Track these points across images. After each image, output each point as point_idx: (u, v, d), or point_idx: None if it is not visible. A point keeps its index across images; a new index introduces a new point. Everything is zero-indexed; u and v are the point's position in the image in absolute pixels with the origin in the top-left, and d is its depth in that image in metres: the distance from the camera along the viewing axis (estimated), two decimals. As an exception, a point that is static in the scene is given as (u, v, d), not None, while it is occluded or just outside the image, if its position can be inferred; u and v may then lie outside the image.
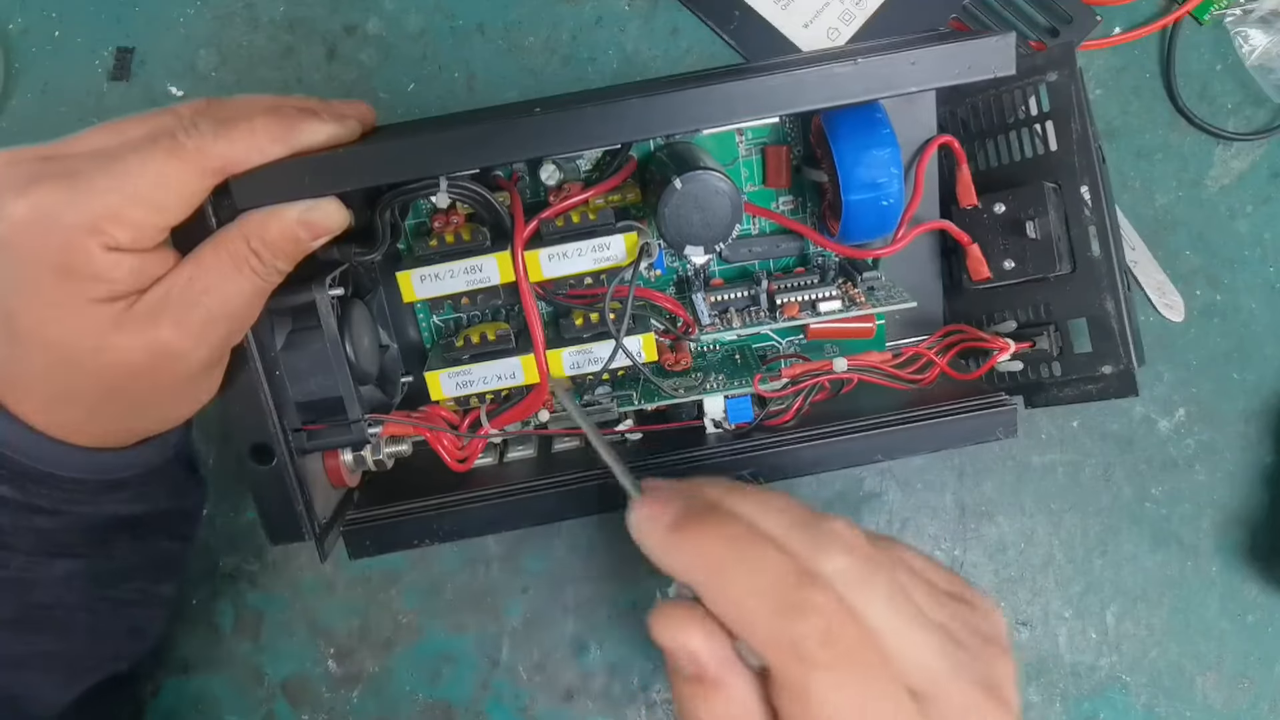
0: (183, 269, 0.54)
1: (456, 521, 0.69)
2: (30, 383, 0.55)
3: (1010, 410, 0.69)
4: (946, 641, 0.44)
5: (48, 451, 0.57)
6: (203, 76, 0.83)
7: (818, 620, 0.41)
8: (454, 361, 0.70)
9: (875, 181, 0.66)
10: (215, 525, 0.84)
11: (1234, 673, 0.87)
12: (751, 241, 0.76)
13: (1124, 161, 0.85)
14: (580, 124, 0.57)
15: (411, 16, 0.83)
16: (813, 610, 0.41)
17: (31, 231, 0.50)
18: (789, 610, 0.41)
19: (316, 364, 0.63)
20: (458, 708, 0.86)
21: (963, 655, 0.44)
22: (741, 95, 0.57)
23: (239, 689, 0.86)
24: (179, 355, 0.54)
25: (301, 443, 0.64)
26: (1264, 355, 0.86)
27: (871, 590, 0.43)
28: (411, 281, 0.68)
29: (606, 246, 0.67)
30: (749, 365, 0.74)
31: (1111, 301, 0.67)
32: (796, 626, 0.41)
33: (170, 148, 0.52)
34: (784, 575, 0.42)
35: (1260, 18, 0.83)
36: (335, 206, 0.57)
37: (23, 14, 0.82)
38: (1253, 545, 0.86)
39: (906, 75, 0.57)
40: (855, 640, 0.42)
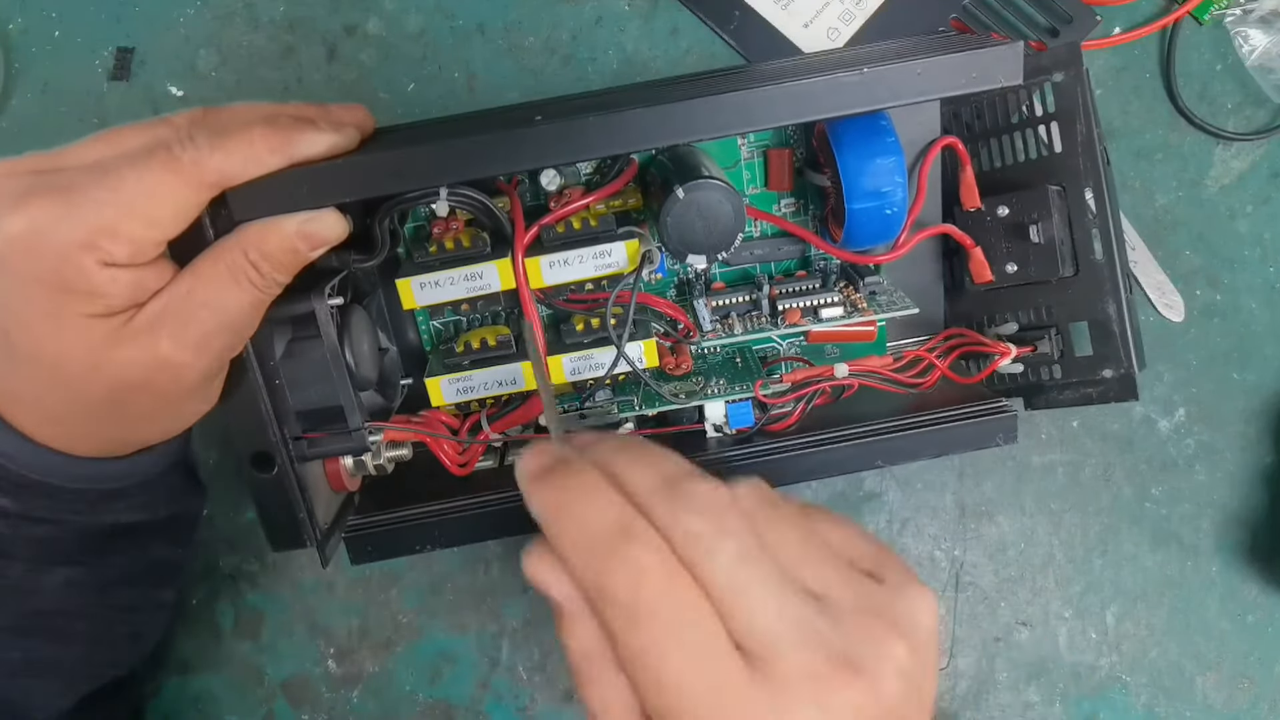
0: (180, 282, 0.54)
1: (457, 526, 0.69)
2: (28, 396, 0.55)
3: (1011, 416, 0.69)
4: (804, 608, 0.44)
5: (46, 462, 0.56)
6: (203, 76, 0.83)
7: (624, 567, 0.43)
8: (454, 367, 0.70)
9: (879, 190, 0.65)
10: (215, 526, 0.84)
11: (1234, 673, 0.87)
12: (753, 244, 0.76)
13: (1124, 161, 0.85)
14: (582, 134, 0.56)
15: (411, 16, 0.82)
16: (622, 558, 0.43)
17: (26, 248, 0.50)
18: (600, 556, 0.43)
19: (316, 373, 0.63)
20: (457, 708, 0.86)
21: (823, 625, 0.44)
22: (745, 106, 0.56)
23: (239, 689, 0.86)
24: (178, 368, 0.54)
25: (302, 451, 0.64)
26: (1264, 355, 0.86)
27: (715, 550, 0.44)
28: (411, 289, 0.68)
29: (608, 253, 0.67)
30: (750, 369, 0.74)
31: (1113, 305, 0.67)
32: (606, 576, 0.43)
33: (166, 161, 0.52)
34: (606, 527, 0.44)
35: (1260, 18, 0.83)
36: (334, 217, 0.57)
37: (23, 14, 0.82)
38: (1253, 545, 0.86)
39: (913, 85, 0.57)
40: (672, 596, 0.43)
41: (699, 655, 0.42)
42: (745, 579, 0.43)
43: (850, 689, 0.43)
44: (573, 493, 0.46)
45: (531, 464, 0.48)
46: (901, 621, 0.46)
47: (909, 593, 0.48)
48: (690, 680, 0.42)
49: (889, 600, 0.47)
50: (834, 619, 0.45)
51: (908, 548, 0.86)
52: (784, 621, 0.43)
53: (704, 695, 0.42)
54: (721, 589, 0.43)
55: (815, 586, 0.46)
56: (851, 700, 0.43)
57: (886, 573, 0.49)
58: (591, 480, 0.47)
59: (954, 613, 0.87)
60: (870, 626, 0.45)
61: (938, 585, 0.87)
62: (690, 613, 0.43)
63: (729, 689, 0.42)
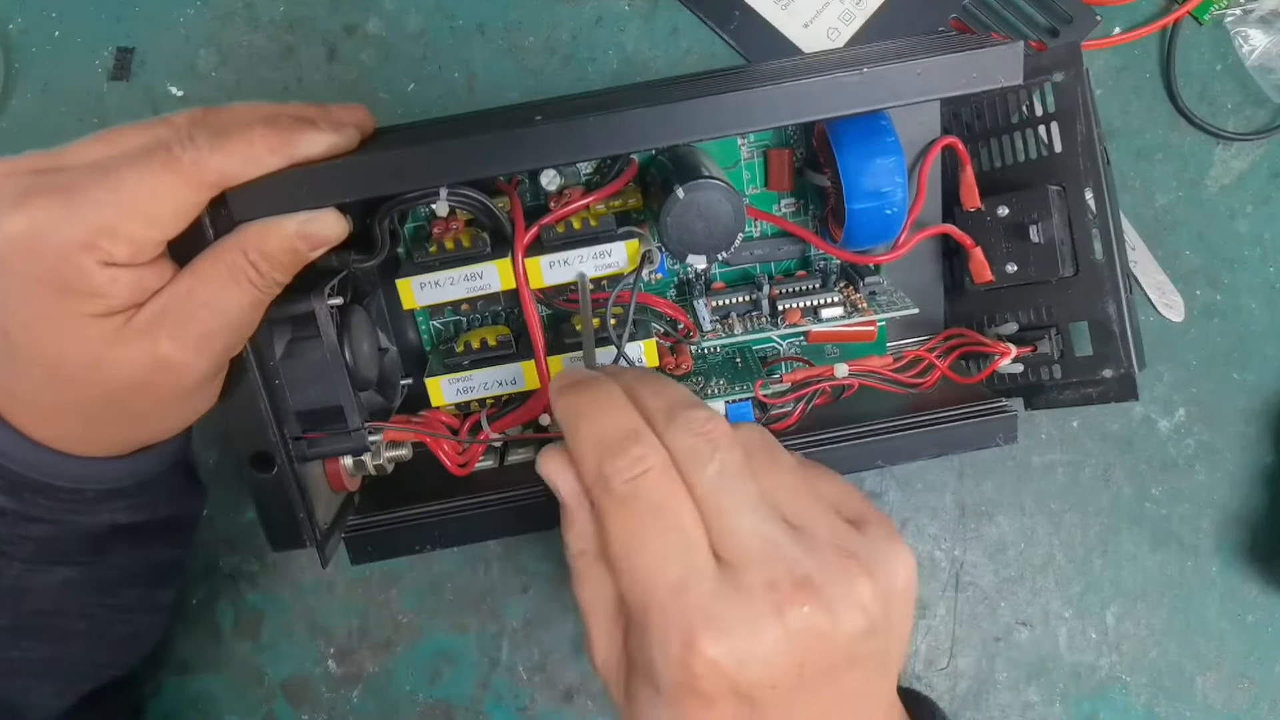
0: (180, 282, 0.54)
1: (458, 526, 0.69)
2: (28, 395, 0.55)
3: (1011, 416, 0.69)
4: (780, 532, 0.47)
5: (46, 461, 0.57)
6: (203, 76, 0.83)
7: (628, 463, 0.47)
8: (454, 367, 0.70)
9: (879, 190, 0.65)
10: (215, 526, 0.84)
11: (1234, 673, 0.87)
12: (753, 244, 0.76)
13: (1124, 161, 0.85)
14: (582, 134, 0.56)
15: (411, 16, 0.82)
16: (627, 455, 0.47)
17: (26, 248, 0.50)
18: (608, 452, 0.48)
19: (316, 373, 0.63)
20: (457, 708, 0.86)
21: (795, 549, 0.47)
22: (745, 106, 0.56)
23: (239, 689, 0.86)
24: (177, 368, 0.54)
25: (302, 451, 0.64)
26: (1264, 355, 0.86)
27: (706, 464, 0.48)
28: (411, 289, 0.68)
29: (608, 253, 0.67)
30: (750, 368, 0.74)
31: (1113, 305, 0.67)
32: (608, 464, 0.48)
33: (166, 161, 0.52)
34: (618, 428, 0.49)
35: (1260, 18, 0.83)
36: (334, 217, 0.57)
37: (23, 14, 0.82)
38: (1253, 545, 0.86)
39: (913, 85, 0.57)
40: (660, 491, 0.47)
41: (674, 548, 0.46)
42: (729, 493, 0.47)
43: (808, 607, 0.45)
44: (594, 399, 0.51)
45: (562, 379, 0.54)
46: (873, 567, 0.48)
47: (888, 546, 0.50)
48: (663, 570, 0.46)
49: (866, 547, 0.49)
50: (806, 547, 0.47)
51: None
52: (757, 537, 0.47)
53: (673, 586, 0.46)
54: (705, 498, 0.47)
55: (795, 519, 0.49)
56: (808, 619, 0.45)
57: (870, 527, 0.51)
58: (612, 391, 0.51)
59: (954, 613, 0.87)
60: (841, 562, 0.47)
61: (938, 585, 0.87)
62: (674, 509, 0.47)
63: (696, 585, 0.46)
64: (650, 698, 0.48)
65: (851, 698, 0.49)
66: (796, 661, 0.46)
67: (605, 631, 0.51)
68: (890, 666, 0.51)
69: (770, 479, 0.50)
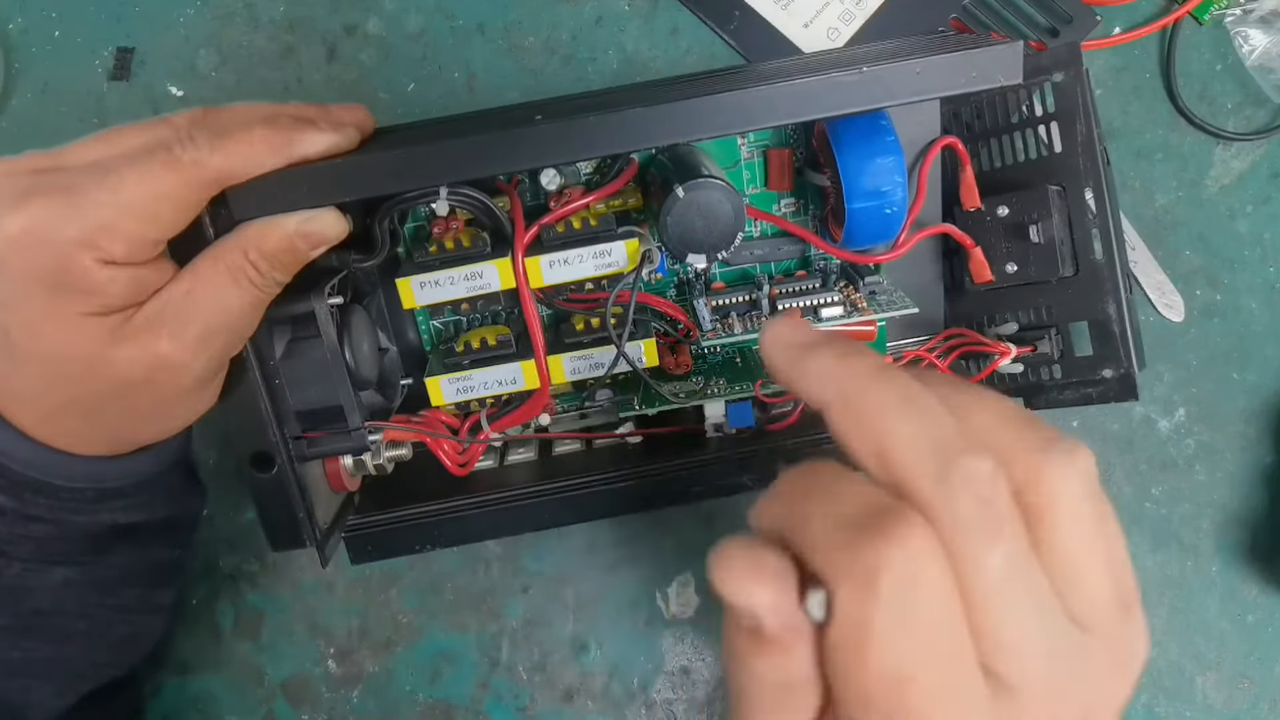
0: (180, 281, 0.54)
1: (457, 526, 0.69)
2: (27, 394, 0.55)
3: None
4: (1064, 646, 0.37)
5: (45, 461, 0.57)
6: (203, 76, 0.83)
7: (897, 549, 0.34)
8: (454, 367, 0.70)
9: (879, 190, 0.65)
10: (215, 526, 0.84)
11: (1234, 673, 0.87)
12: (753, 244, 0.76)
13: (1124, 161, 0.85)
14: (582, 133, 0.56)
15: (411, 16, 0.82)
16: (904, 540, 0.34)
17: (26, 246, 0.50)
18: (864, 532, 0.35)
19: (316, 373, 0.63)
20: (457, 708, 0.86)
21: (1078, 666, 0.37)
22: (744, 105, 0.56)
23: (239, 689, 0.86)
24: (177, 367, 0.54)
25: (302, 450, 0.64)
26: (1264, 355, 0.86)
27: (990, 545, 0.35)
28: (411, 288, 0.68)
29: (608, 253, 0.67)
30: (750, 368, 0.74)
31: (1113, 305, 0.67)
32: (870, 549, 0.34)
33: (166, 161, 0.52)
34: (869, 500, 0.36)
35: (1260, 18, 0.83)
36: (334, 217, 0.57)
37: (23, 14, 0.82)
38: (1253, 545, 0.86)
39: (912, 84, 0.57)
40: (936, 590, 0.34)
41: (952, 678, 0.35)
42: (1016, 593, 0.36)
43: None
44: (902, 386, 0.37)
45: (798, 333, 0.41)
46: (1135, 668, 0.40)
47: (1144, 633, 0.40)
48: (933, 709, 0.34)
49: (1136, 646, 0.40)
50: (1087, 659, 0.37)
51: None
52: (1043, 657, 0.36)
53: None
54: (985, 598, 0.35)
55: (1080, 615, 0.37)
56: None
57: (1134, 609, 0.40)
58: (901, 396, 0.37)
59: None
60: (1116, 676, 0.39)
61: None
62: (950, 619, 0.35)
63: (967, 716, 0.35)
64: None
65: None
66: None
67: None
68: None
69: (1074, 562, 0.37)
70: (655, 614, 0.85)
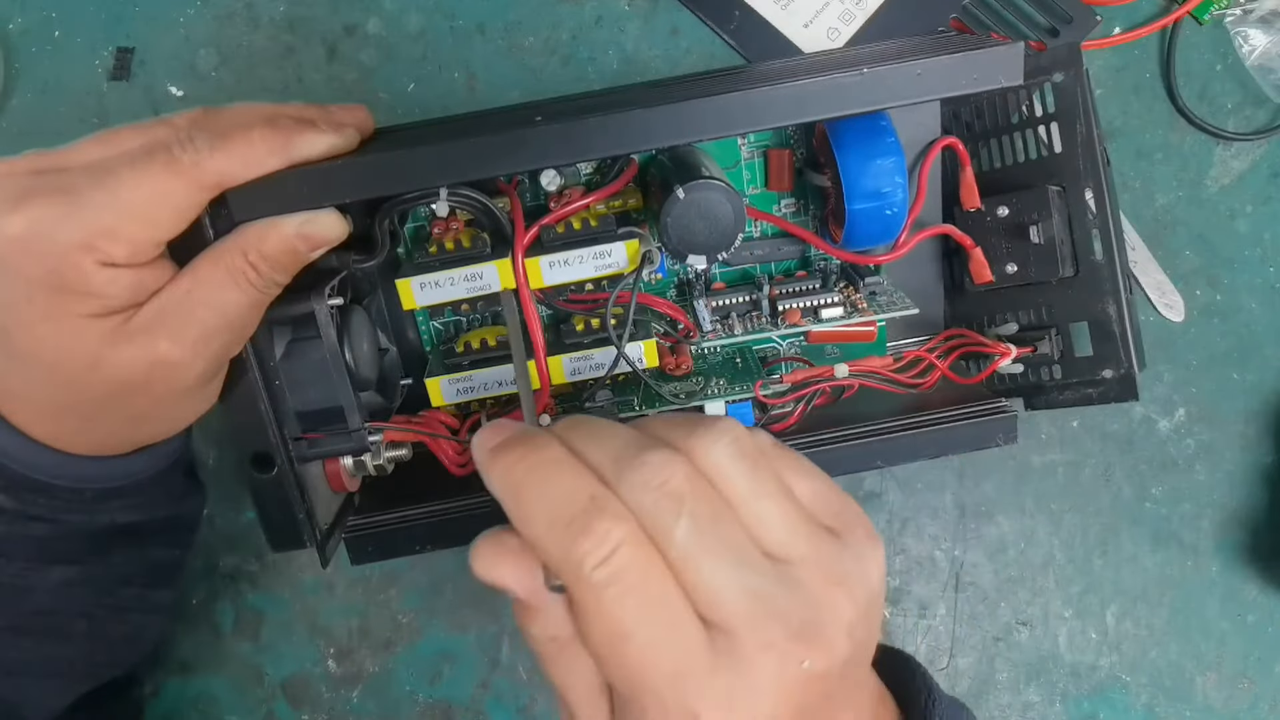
0: (180, 282, 0.54)
1: (458, 527, 0.69)
2: (27, 395, 0.55)
3: (1010, 417, 0.69)
4: (763, 578, 0.43)
5: (45, 460, 0.57)
6: (203, 76, 0.82)
7: (597, 543, 0.42)
8: (454, 368, 0.70)
9: (879, 191, 0.65)
10: (215, 525, 0.84)
11: (1234, 673, 0.87)
12: (753, 245, 0.76)
13: (1124, 161, 0.85)
14: (583, 134, 0.56)
15: (411, 16, 0.82)
16: (594, 533, 0.42)
17: (25, 248, 0.50)
18: (572, 532, 0.42)
19: (316, 374, 0.63)
20: (457, 707, 0.86)
21: (781, 594, 0.43)
22: (745, 106, 0.56)
23: (239, 689, 0.86)
24: (177, 368, 0.54)
25: (302, 451, 0.64)
26: (1264, 355, 0.86)
27: (675, 521, 0.43)
28: (411, 289, 0.68)
29: (608, 253, 0.67)
30: (750, 369, 0.74)
31: (1113, 305, 0.67)
32: (577, 548, 0.42)
33: (166, 162, 0.51)
34: (573, 499, 0.43)
35: (1260, 18, 0.83)
36: (334, 218, 0.57)
37: (23, 14, 0.82)
38: (1253, 545, 0.86)
39: (913, 86, 0.57)
40: (638, 569, 0.42)
41: (665, 630, 0.42)
42: (703, 552, 0.43)
43: (806, 658, 0.43)
44: (536, 465, 0.45)
45: (490, 439, 0.47)
46: (855, 584, 0.46)
47: (864, 552, 0.47)
48: (655, 655, 0.42)
49: (847, 563, 0.46)
50: (793, 586, 0.44)
51: (908, 548, 0.87)
52: (743, 596, 0.43)
53: (668, 669, 0.42)
54: (682, 563, 0.43)
55: (777, 549, 0.45)
56: (807, 667, 0.43)
57: (846, 530, 0.48)
58: (553, 451, 0.45)
59: (954, 613, 0.87)
60: (829, 594, 0.45)
61: (938, 585, 0.87)
62: (656, 587, 0.42)
63: (692, 663, 0.42)
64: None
65: (839, 706, 0.47)
66: (796, 707, 0.44)
67: (589, 711, 0.47)
68: (868, 660, 0.50)
69: (748, 509, 0.45)
70: (655, 614, 0.85)
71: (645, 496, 0.43)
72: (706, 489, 0.44)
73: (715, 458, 0.45)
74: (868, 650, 0.48)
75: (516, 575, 0.46)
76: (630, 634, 0.42)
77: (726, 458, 0.45)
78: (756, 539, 0.45)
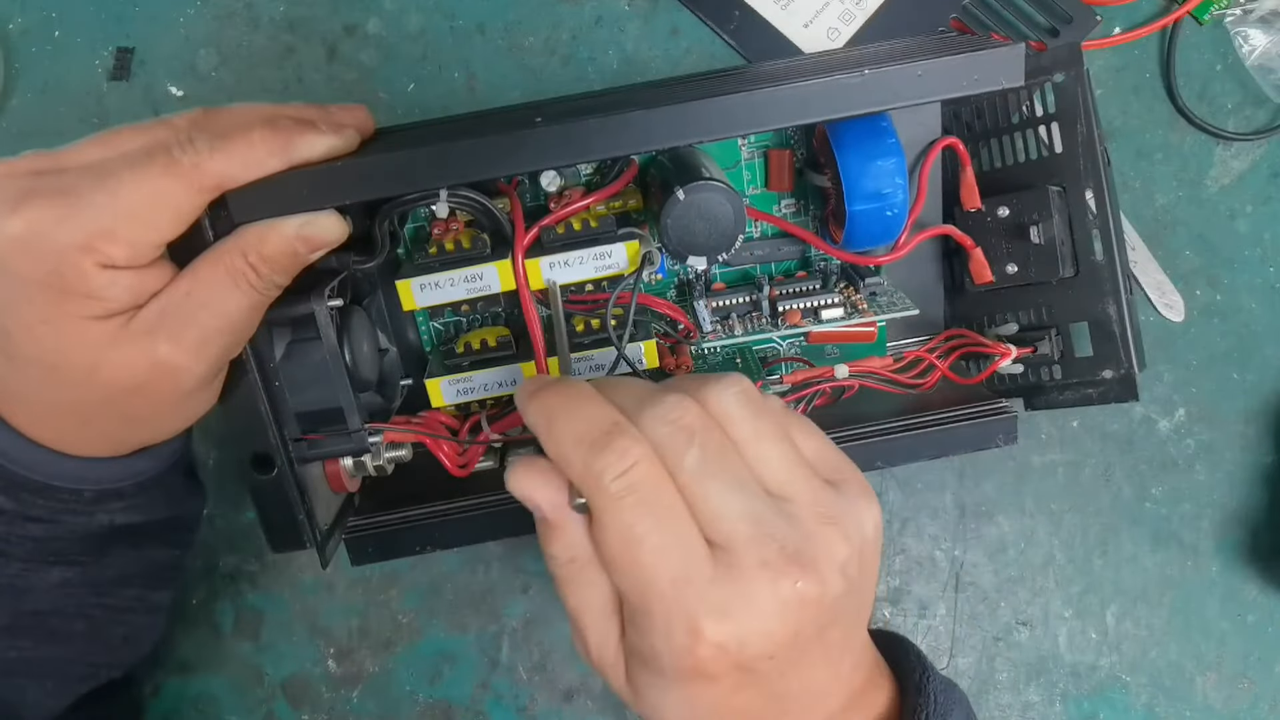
0: (179, 284, 0.54)
1: (458, 527, 0.69)
2: (26, 396, 0.55)
3: (1011, 417, 0.69)
4: (764, 507, 0.49)
5: (44, 461, 0.57)
6: (203, 77, 0.82)
7: (617, 458, 0.47)
8: (454, 368, 0.70)
9: (880, 192, 0.65)
10: (215, 525, 0.84)
11: (1234, 673, 0.87)
12: (753, 245, 0.76)
13: (1124, 161, 0.85)
14: (583, 136, 0.56)
15: (411, 16, 0.82)
16: (615, 450, 0.47)
17: (25, 250, 0.50)
18: (595, 448, 0.48)
19: (316, 375, 0.63)
20: (457, 707, 0.86)
21: (780, 523, 0.48)
22: (746, 107, 0.56)
23: (239, 689, 0.86)
24: (176, 370, 0.54)
25: (302, 452, 0.64)
26: (1264, 355, 0.86)
27: (685, 450, 0.48)
28: (411, 290, 0.68)
29: (608, 254, 0.67)
30: (750, 369, 0.74)
31: (1114, 306, 0.67)
32: (598, 461, 0.47)
33: (166, 164, 0.51)
34: (599, 422, 0.49)
35: (1260, 18, 0.83)
36: (334, 220, 0.57)
37: (23, 14, 0.82)
38: (1253, 545, 0.86)
39: (913, 87, 0.57)
40: (652, 483, 0.47)
41: (672, 541, 0.47)
42: (711, 476, 0.48)
43: (799, 580, 0.47)
44: (568, 397, 0.51)
45: (529, 384, 0.53)
46: (849, 527, 0.50)
47: (859, 503, 0.52)
48: (663, 560, 0.47)
49: (842, 507, 0.51)
50: (790, 519, 0.49)
51: (908, 548, 0.87)
52: (744, 518, 0.48)
53: (673, 578, 0.47)
54: (689, 485, 0.48)
55: (777, 489, 0.50)
56: (800, 589, 0.47)
57: (844, 483, 0.53)
58: (583, 388, 0.51)
59: (954, 613, 0.87)
60: (823, 531, 0.49)
61: (938, 585, 0.87)
62: (666, 501, 0.48)
63: (695, 571, 0.47)
64: (656, 683, 0.50)
65: (835, 649, 0.52)
66: (791, 631, 0.48)
67: (601, 629, 0.52)
68: (864, 612, 0.55)
69: (751, 449, 0.50)
70: (655, 614, 0.85)
71: (661, 428, 0.49)
72: (715, 427, 0.50)
73: (725, 403, 0.51)
74: (862, 598, 0.54)
75: (546, 493, 0.51)
76: (641, 539, 0.47)
77: (734, 404, 0.51)
78: (758, 476, 0.50)
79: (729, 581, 0.47)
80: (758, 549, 0.47)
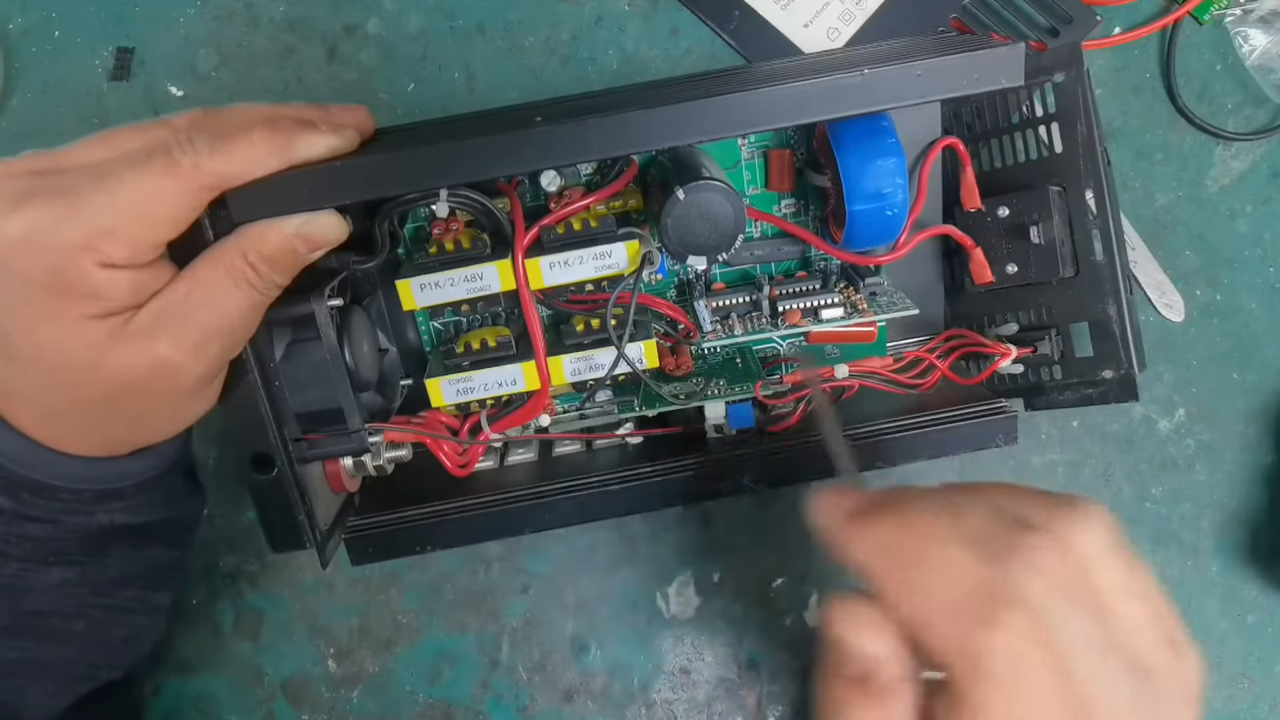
0: (179, 284, 0.54)
1: (457, 527, 0.69)
2: (26, 395, 0.55)
3: (1011, 417, 0.69)
4: (1134, 689, 0.43)
5: (43, 461, 0.56)
6: (203, 77, 0.82)
7: (1008, 638, 0.41)
8: (454, 368, 0.70)
9: (880, 192, 0.65)
10: (215, 525, 0.84)
11: (1234, 673, 0.87)
12: (753, 245, 0.76)
13: (1124, 161, 0.85)
14: (583, 135, 0.56)
15: (411, 16, 0.82)
16: (1004, 626, 0.41)
17: (25, 249, 0.50)
18: (980, 621, 0.41)
19: (316, 375, 0.63)
20: (457, 707, 0.86)
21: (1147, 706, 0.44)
22: (746, 107, 0.56)
23: (239, 689, 0.86)
24: (176, 369, 0.54)
25: (302, 452, 0.64)
26: (1264, 355, 0.86)
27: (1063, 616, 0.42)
28: (411, 290, 0.68)
29: (608, 254, 0.67)
30: (750, 369, 0.74)
31: (1114, 306, 0.67)
32: (986, 640, 0.41)
33: (166, 164, 0.51)
34: (978, 583, 0.42)
35: (1260, 18, 0.83)
36: (334, 219, 0.57)
37: (23, 14, 0.82)
38: (1253, 545, 0.86)
39: (914, 86, 0.57)
40: (1041, 665, 0.41)
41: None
42: (1086, 646, 0.43)
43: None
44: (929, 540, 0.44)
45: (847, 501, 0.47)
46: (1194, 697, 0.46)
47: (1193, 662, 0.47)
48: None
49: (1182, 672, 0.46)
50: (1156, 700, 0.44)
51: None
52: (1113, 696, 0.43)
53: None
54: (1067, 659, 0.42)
55: (1141, 654, 0.45)
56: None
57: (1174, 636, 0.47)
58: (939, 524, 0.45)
59: (954, 613, 0.87)
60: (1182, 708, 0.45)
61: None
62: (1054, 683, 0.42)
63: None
64: None
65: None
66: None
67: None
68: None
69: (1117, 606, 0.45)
70: (655, 614, 0.85)
71: (1034, 583, 0.42)
72: (1084, 579, 0.44)
73: (1089, 547, 0.45)
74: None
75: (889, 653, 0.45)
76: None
77: (1102, 548, 0.45)
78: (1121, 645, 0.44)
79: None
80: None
